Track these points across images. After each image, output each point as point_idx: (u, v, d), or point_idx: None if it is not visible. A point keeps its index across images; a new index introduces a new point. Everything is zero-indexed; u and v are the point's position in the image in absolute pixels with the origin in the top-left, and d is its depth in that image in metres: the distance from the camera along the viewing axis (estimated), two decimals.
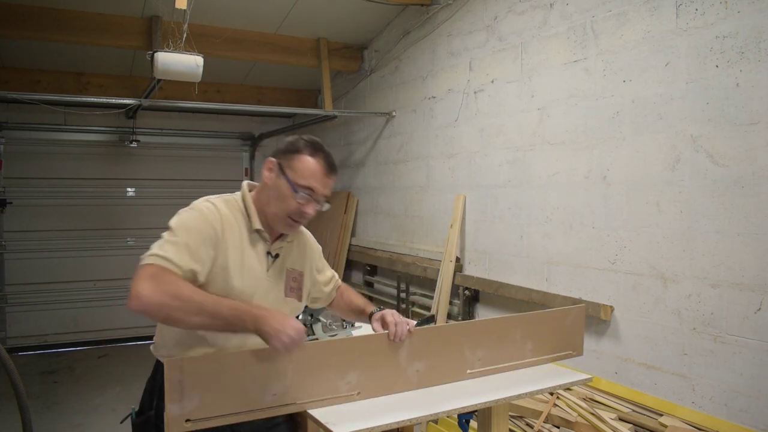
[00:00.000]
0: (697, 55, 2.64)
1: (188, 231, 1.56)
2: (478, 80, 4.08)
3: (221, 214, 1.63)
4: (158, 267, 1.48)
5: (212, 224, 1.60)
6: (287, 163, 1.66)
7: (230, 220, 1.65)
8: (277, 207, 1.66)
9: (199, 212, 1.61)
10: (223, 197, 1.70)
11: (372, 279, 5.56)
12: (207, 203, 1.65)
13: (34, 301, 6.16)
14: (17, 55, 5.39)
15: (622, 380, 3.01)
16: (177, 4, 3.69)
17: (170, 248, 1.52)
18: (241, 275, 1.63)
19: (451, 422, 2.91)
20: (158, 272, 1.46)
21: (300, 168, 1.65)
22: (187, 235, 1.55)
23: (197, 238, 1.56)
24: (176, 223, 1.58)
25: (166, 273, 1.47)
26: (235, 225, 1.65)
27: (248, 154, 7.33)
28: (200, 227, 1.58)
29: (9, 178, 6.08)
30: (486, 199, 4.02)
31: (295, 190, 1.63)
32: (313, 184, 1.65)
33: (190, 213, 1.61)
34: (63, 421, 4.26)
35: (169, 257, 1.50)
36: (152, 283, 1.43)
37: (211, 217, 1.61)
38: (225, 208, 1.66)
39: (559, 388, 2.03)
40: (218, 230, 1.60)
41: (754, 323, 2.44)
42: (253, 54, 5.27)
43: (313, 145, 1.69)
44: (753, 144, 2.43)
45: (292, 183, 1.63)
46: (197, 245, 1.55)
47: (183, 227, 1.57)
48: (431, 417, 1.64)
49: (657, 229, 2.83)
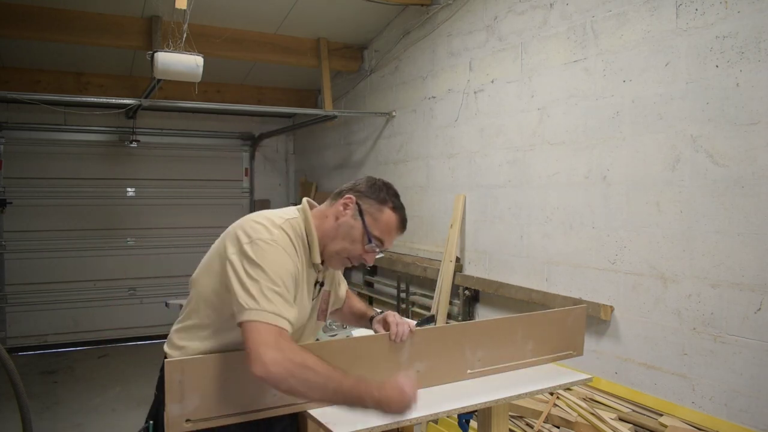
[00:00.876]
0: (697, 55, 2.64)
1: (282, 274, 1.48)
2: (478, 80, 4.08)
3: (294, 245, 1.57)
4: (277, 329, 1.41)
5: (294, 263, 1.54)
6: (369, 210, 1.63)
7: (300, 253, 1.59)
8: (342, 246, 1.63)
9: (284, 247, 1.53)
10: (287, 218, 1.61)
11: (372, 279, 5.57)
12: (281, 233, 1.55)
13: (34, 301, 6.17)
14: (17, 55, 5.39)
15: (622, 380, 3.01)
16: (177, 4, 3.69)
17: (278, 300, 1.44)
18: (300, 308, 1.59)
19: (451, 422, 2.92)
20: (279, 337, 1.41)
21: (381, 220, 1.64)
22: (282, 281, 1.47)
23: (290, 281, 1.50)
24: (267, 262, 1.47)
25: (284, 337, 1.42)
26: (301, 257, 1.60)
27: (248, 154, 7.33)
28: (288, 267, 1.51)
29: (9, 178, 6.09)
30: (486, 199, 4.02)
31: (370, 240, 1.62)
32: (386, 238, 1.65)
33: (275, 249, 1.50)
34: (63, 421, 4.27)
35: (282, 314, 1.44)
36: (278, 354, 1.38)
37: (291, 252, 1.55)
38: (293, 234, 1.58)
39: (559, 388, 2.03)
40: (298, 269, 1.56)
41: (754, 323, 2.44)
42: (253, 54, 5.27)
43: (398, 198, 1.68)
44: (753, 144, 2.43)
45: (369, 232, 1.62)
46: (291, 288, 1.51)
47: (276, 269, 1.48)
48: (431, 417, 1.64)
49: (657, 229, 2.83)
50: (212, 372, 1.44)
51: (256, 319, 1.40)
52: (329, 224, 1.65)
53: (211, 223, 6.09)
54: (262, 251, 1.48)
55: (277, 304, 1.43)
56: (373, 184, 1.68)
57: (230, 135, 7.19)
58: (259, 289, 1.43)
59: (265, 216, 1.58)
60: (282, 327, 1.42)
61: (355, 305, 2.04)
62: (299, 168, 7.47)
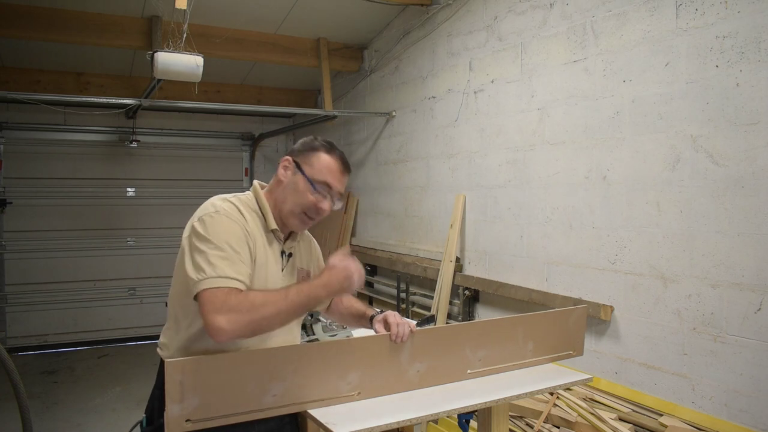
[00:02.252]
0: (697, 55, 2.64)
1: (227, 238, 1.54)
2: (478, 80, 4.08)
3: (243, 213, 1.64)
4: (223, 291, 1.46)
5: (242, 225, 1.60)
6: (304, 161, 1.70)
7: (251, 221, 1.65)
8: (293, 203, 1.68)
9: (226, 214, 1.59)
10: (237, 197, 1.70)
11: (372, 279, 5.57)
12: (226, 203, 1.63)
13: (34, 301, 6.17)
14: (17, 55, 5.39)
15: (622, 380, 3.01)
16: (177, 4, 3.69)
17: (223, 263, 1.49)
18: (266, 276, 1.65)
19: (451, 422, 2.92)
20: (225, 298, 1.45)
21: (317, 165, 1.69)
22: (228, 244, 1.53)
23: (237, 243, 1.55)
24: (211, 232, 1.54)
25: (232, 295, 1.46)
26: (255, 225, 1.66)
27: (248, 154, 7.33)
28: (234, 230, 1.57)
29: (9, 178, 6.09)
30: (486, 199, 4.02)
31: (313, 185, 1.67)
32: (329, 180, 1.70)
33: (219, 218, 1.57)
34: (63, 421, 4.27)
35: (227, 274, 1.48)
36: (226, 315, 1.43)
37: (238, 218, 1.61)
38: (241, 206, 1.66)
39: (559, 388, 2.03)
40: (246, 230, 1.61)
41: (754, 323, 2.44)
42: (253, 54, 5.27)
43: (329, 143, 1.74)
44: (753, 144, 2.43)
45: (310, 179, 1.67)
46: (240, 249, 1.55)
47: (220, 235, 1.54)
48: (431, 417, 1.64)
49: (657, 229, 2.84)
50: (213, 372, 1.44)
51: (203, 288, 1.46)
52: (277, 190, 1.72)
53: None
54: (206, 225, 1.55)
55: (222, 266, 1.49)
56: (304, 141, 1.75)
57: (230, 135, 7.19)
58: (205, 258, 1.50)
59: (212, 199, 1.66)
60: (228, 286, 1.47)
61: (353, 304, 2.04)
62: None
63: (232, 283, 1.48)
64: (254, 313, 1.45)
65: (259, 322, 1.47)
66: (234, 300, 1.45)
